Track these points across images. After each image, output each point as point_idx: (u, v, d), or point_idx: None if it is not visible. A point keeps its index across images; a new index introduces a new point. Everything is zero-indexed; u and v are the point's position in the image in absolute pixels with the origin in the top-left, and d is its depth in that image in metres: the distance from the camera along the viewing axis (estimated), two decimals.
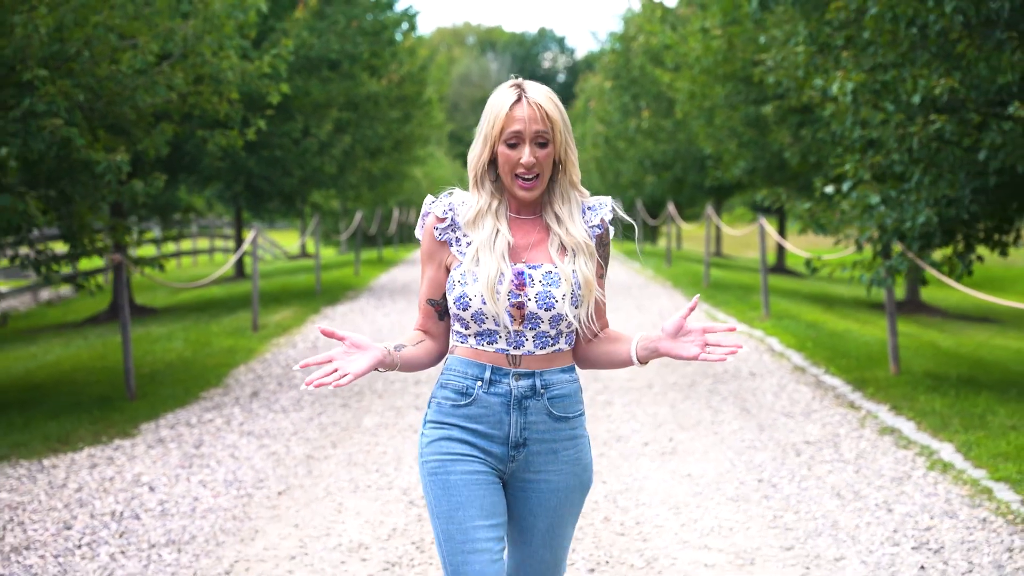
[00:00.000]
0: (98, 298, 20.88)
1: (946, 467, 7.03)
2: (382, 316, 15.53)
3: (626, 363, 3.26)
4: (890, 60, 9.02)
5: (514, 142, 3.19)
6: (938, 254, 10.04)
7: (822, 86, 9.24)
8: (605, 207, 3.32)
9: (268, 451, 7.93)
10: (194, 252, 32.66)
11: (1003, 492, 6.42)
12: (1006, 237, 9.69)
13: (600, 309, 3.29)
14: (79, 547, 5.97)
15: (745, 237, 39.92)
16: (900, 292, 19.22)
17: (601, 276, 3.31)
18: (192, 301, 19.38)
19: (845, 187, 9.15)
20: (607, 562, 5.53)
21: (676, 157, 25.42)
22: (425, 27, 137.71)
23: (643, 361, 3.22)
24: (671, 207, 23.86)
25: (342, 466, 7.49)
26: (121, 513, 6.55)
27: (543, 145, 3.20)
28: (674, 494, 6.68)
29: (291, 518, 6.39)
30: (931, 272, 8.83)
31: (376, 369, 3.10)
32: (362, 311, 16.18)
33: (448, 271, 3.26)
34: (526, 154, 3.18)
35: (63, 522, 6.39)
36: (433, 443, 3.22)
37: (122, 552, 5.88)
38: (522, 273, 3.20)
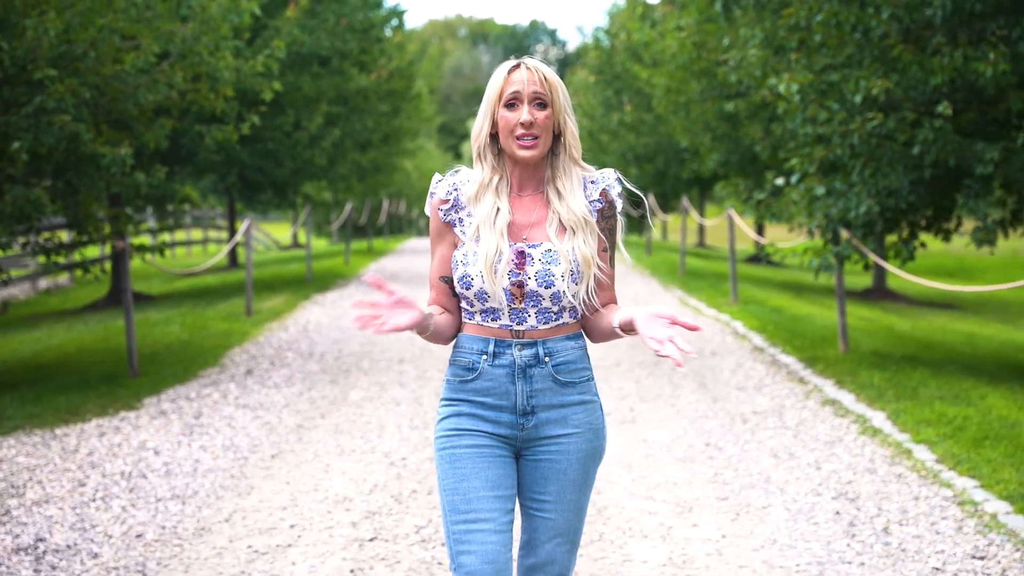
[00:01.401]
0: (95, 286, 21.57)
1: (875, 432, 7.77)
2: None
3: (611, 333, 3.28)
4: (839, 62, 9.75)
5: (512, 102, 3.24)
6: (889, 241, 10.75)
7: (775, 86, 9.98)
8: (607, 179, 3.33)
9: (262, 421, 8.65)
10: (188, 243, 33.30)
11: (921, 452, 7.16)
12: (948, 225, 10.44)
13: (603, 284, 3.30)
14: (93, 500, 6.68)
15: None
16: (868, 280, 19.98)
17: (606, 250, 3.31)
18: (187, 289, 20.08)
19: (793, 179, 9.91)
20: None
21: (657, 150, 26.20)
22: (417, 19, 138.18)
23: (623, 329, 3.19)
24: (651, 199, 24.65)
25: (329, 434, 8.21)
26: (130, 473, 7.25)
27: (542, 106, 3.24)
28: (629, 455, 7.42)
29: (283, 476, 7.11)
30: (873, 257, 9.58)
31: (411, 329, 3.16)
32: (351, 297, 16.90)
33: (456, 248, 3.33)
34: (524, 112, 3.22)
35: (77, 480, 7.10)
36: (444, 420, 3.32)
37: (132, 505, 6.59)
38: (522, 252, 3.24)
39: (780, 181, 10.32)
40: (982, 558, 5.32)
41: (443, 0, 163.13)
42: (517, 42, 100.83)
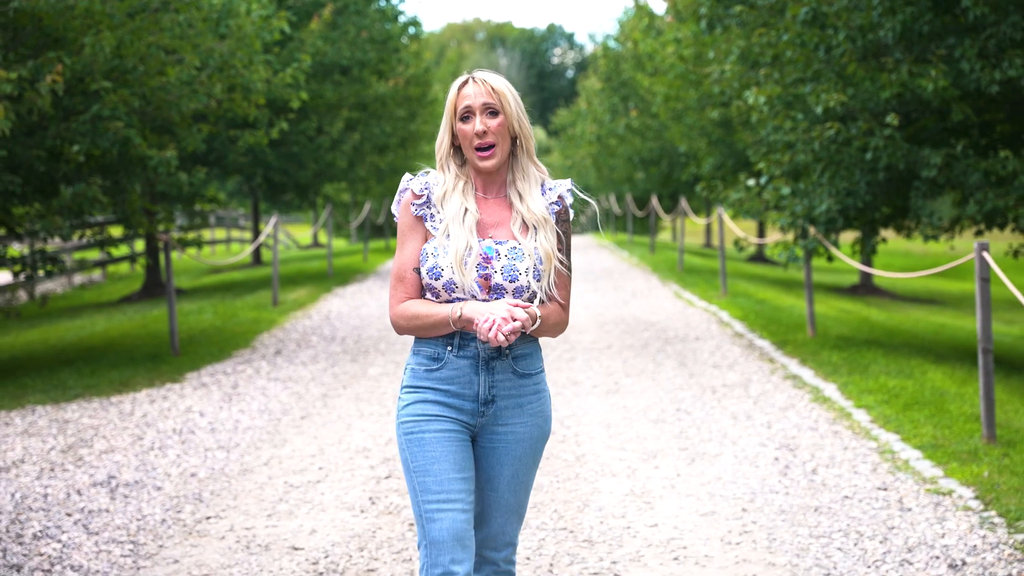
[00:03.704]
0: (127, 282, 22.86)
1: (825, 400, 8.94)
2: (387, 295, 17.44)
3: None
4: (808, 76, 10.92)
5: (466, 115, 3.50)
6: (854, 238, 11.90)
7: (747, 98, 11.17)
8: (563, 186, 3.61)
9: (291, 391, 9.86)
10: (212, 242, 34.62)
11: (859, 415, 8.34)
12: (907, 222, 11.60)
13: (557, 281, 3.57)
14: (152, 449, 7.90)
15: (746, 229, 41.74)
16: (855, 277, 21.10)
17: (561, 250, 3.56)
18: (215, 283, 21.33)
19: (763, 181, 11.11)
20: (547, 458, 7.42)
21: (662, 154, 27.44)
22: (435, 23, 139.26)
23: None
24: (654, 201, 25.85)
25: (351, 401, 9.41)
26: (180, 430, 8.47)
27: (493, 114, 3.49)
28: (608, 417, 8.60)
29: (311, 433, 8.32)
30: (833, 251, 10.77)
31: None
32: (369, 291, 18.13)
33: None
34: (477, 123, 3.48)
35: (136, 436, 8.32)
36: (409, 406, 3.55)
37: (185, 453, 7.80)
38: (489, 249, 3.49)
39: (751, 182, 11.53)
40: (885, 489, 6.50)
41: (461, 4, 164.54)
42: (535, 46, 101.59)
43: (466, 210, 3.51)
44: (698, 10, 12.42)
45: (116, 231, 21.42)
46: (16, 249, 16.38)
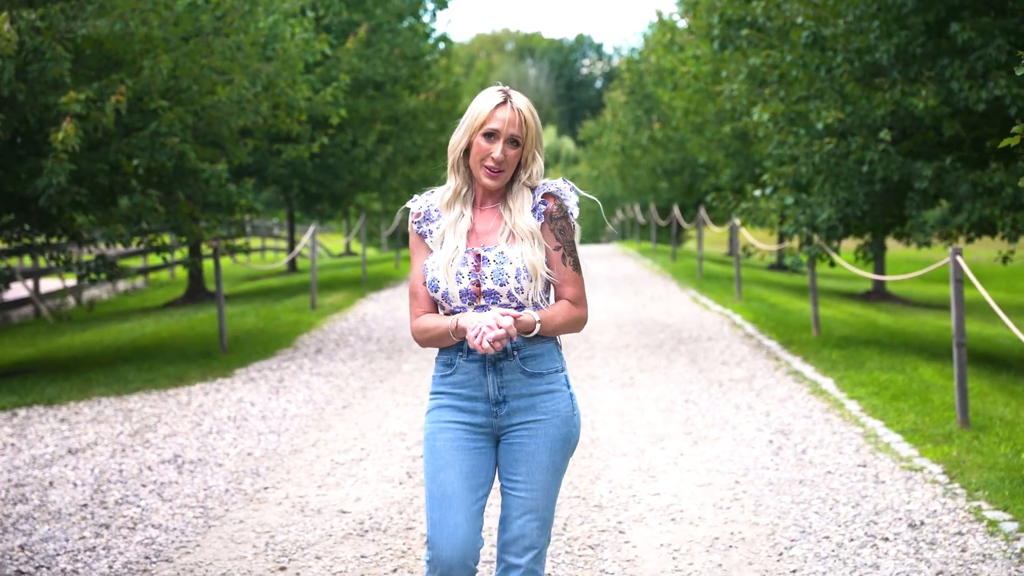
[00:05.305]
0: (169, 288, 23.87)
1: (822, 393, 9.77)
2: None
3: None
4: (812, 94, 11.77)
5: (491, 135, 3.60)
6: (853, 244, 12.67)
7: (754, 114, 12.04)
8: (555, 186, 3.71)
9: (333, 384, 10.76)
10: (247, 250, 35.65)
11: (851, 405, 9.16)
12: (906, 230, 12.40)
13: (564, 279, 3.68)
14: (210, 433, 8.80)
15: (761, 238, 42.43)
16: (867, 283, 21.88)
17: (557, 249, 3.66)
18: (253, 289, 22.31)
19: (768, 191, 11.97)
20: None
21: (684, 165, 28.34)
22: (465, 34, 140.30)
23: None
24: (676, 211, 26.70)
25: (388, 393, 10.30)
26: (234, 417, 9.38)
27: (515, 145, 3.61)
28: (622, 407, 9.45)
29: (353, 419, 9.21)
30: (835, 258, 11.60)
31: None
32: (402, 295, 19.04)
33: None
34: (498, 149, 3.59)
35: (195, 422, 9.23)
36: (429, 412, 3.74)
37: (240, 436, 8.70)
38: (479, 255, 3.62)
39: (757, 193, 12.39)
40: (864, 466, 7.33)
41: (491, 14, 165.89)
42: (563, 56, 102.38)
43: (462, 215, 3.68)
44: (711, 32, 13.26)
45: (165, 239, 22.45)
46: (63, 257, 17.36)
